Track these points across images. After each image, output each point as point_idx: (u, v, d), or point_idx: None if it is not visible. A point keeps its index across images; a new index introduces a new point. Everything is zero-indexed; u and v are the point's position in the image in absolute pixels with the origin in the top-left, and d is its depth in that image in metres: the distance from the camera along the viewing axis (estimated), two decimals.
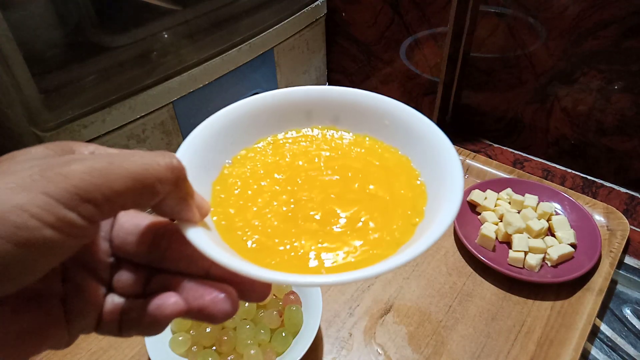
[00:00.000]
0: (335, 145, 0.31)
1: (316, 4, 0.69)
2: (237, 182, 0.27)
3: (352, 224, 0.26)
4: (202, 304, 0.19)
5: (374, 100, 0.31)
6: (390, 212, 0.27)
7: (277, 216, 0.26)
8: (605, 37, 0.57)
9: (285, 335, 0.44)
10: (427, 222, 0.26)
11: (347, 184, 0.29)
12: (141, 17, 0.52)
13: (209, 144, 0.27)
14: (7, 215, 0.15)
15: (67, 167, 0.16)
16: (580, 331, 0.46)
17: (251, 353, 0.42)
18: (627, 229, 0.55)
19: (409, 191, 0.28)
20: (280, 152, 0.30)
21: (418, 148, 0.30)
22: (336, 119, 0.32)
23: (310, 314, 0.45)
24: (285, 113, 0.31)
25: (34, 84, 0.43)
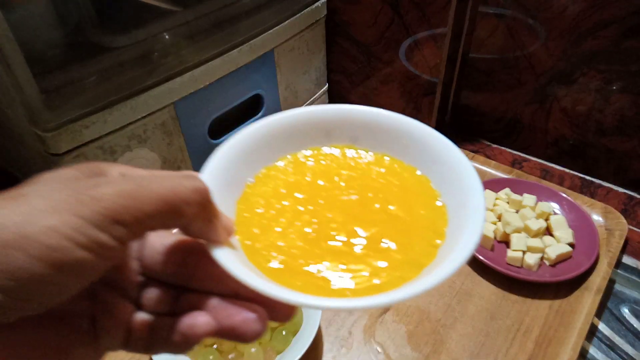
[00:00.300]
0: (355, 165, 0.31)
1: (316, 5, 0.70)
2: (259, 201, 0.28)
3: (374, 245, 0.27)
4: (233, 324, 0.20)
5: (393, 119, 0.32)
6: (411, 233, 0.28)
7: (301, 237, 0.26)
8: (604, 37, 0.57)
9: (285, 334, 0.44)
10: (449, 245, 0.26)
11: (367, 204, 0.29)
12: (142, 17, 0.53)
13: (233, 163, 0.27)
14: (40, 236, 0.15)
15: (98, 189, 0.17)
16: (578, 330, 0.46)
17: (252, 351, 0.42)
18: (625, 229, 0.56)
19: (429, 212, 0.29)
20: (301, 171, 0.30)
21: (437, 168, 0.30)
22: (355, 138, 0.32)
23: (310, 313, 0.45)
24: (305, 132, 0.31)
25: (35, 84, 0.43)
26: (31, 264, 0.15)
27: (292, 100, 0.74)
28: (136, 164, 0.54)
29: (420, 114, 0.76)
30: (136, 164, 0.54)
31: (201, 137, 0.60)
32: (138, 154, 0.53)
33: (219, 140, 0.63)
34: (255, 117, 0.68)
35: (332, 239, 0.26)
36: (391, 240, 0.27)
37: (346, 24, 0.75)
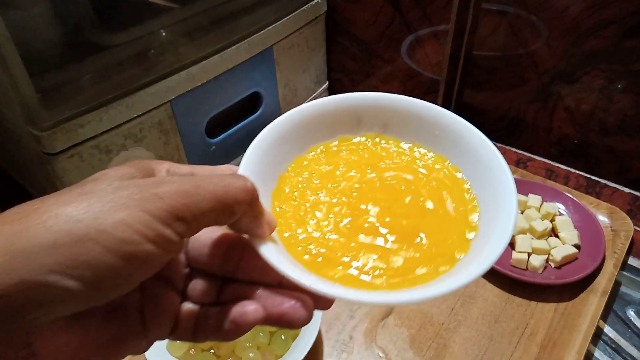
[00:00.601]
0: (386, 155, 0.31)
1: (316, 2, 0.69)
2: (294, 193, 0.28)
3: (408, 238, 0.27)
4: (282, 311, 0.21)
5: (425, 108, 0.31)
6: (445, 226, 0.28)
7: (336, 229, 0.27)
8: (606, 36, 0.57)
9: (284, 338, 0.43)
10: (482, 238, 0.26)
11: (399, 196, 0.29)
12: (139, 15, 0.52)
13: (267, 155, 0.27)
14: (114, 230, 0.16)
15: (160, 188, 0.18)
16: (583, 333, 0.46)
17: (250, 356, 0.41)
18: (630, 230, 0.55)
19: (461, 204, 0.29)
20: (334, 161, 0.30)
21: (468, 159, 0.30)
22: (385, 126, 0.32)
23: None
24: (336, 120, 0.31)
25: (32, 83, 0.43)
26: (106, 255, 0.16)
27: (291, 99, 0.73)
28: None
29: None
30: None
31: (198, 135, 0.59)
32: (134, 153, 0.53)
33: (217, 139, 0.62)
34: (253, 115, 0.67)
35: (367, 231, 0.27)
36: (425, 233, 0.27)
37: (347, 22, 0.74)
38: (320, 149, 0.31)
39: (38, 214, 0.17)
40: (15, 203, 0.19)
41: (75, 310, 0.17)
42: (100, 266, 0.16)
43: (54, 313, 0.17)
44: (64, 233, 0.16)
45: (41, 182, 0.54)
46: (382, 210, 0.28)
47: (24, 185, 0.63)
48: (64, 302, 0.17)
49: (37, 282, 0.16)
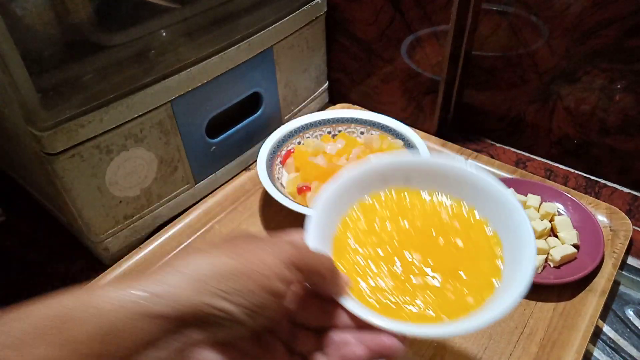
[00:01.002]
0: (411, 205, 0.37)
1: (316, 2, 0.69)
2: (347, 250, 0.34)
3: (452, 275, 0.32)
4: (383, 345, 0.26)
5: (438, 161, 0.38)
6: (477, 259, 0.33)
7: (392, 277, 0.32)
8: (607, 35, 0.57)
9: None
10: (509, 263, 0.32)
11: (433, 240, 0.34)
12: (139, 15, 0.52)
13: (321, 223, 0.33)
14: (260, 269, 0.22)
15: (284, 245, 0.25)
16: (582, 333, 0.46)
17: None
18: (630, 230, 0.55)
19: (484, 238, 0.34)
20: (371, 217, 0.36)
21: (481, 199, 0.35)
22: (407, 180, 0.38)
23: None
24: (367, 181, 0.37)
25: (31, 83, 0.43)
26: (257, 288, 0.22)
27: (292, 99, 0.73)
28: (133, 164, 0.53)
29: (422, 113, 0.75)
30: (133, 164, 0.53)
31: (199, 136, 0.60)
32: (134, 154, 0.53)
33: (217, 139, 0.62)
34: (253, 115, 0.67)
35: (417, 274, 0.32)
36: (463, 269, 0.32)
37: (347, 22, 0.74)
38: (358, 208, 0.37)
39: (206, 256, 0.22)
40: (15, 203, 0.20)
41: (230, 335, 0.22)
42: (253, 297, 0.22)
43: (213, 335, 0.21)
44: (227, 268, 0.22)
45: (41, 182, 0.54)
46: (423, 254, 0.33)
47: (23, 185, 0.63)
48: (225, 326, 0.21)
49: (208, 304, 0.20)
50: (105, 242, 0.55)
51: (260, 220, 0.61)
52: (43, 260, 0.59)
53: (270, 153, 0.62)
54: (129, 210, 0.55)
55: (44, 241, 0.61)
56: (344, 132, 0.68)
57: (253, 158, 0.68)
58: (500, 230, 0.34)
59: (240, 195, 0.64)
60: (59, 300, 0.20)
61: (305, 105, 0.77)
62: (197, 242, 0.58)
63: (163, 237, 0.57)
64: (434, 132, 0.74)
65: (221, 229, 0.60)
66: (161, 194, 0.58)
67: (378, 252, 0.33)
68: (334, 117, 0.68)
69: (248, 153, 0.68)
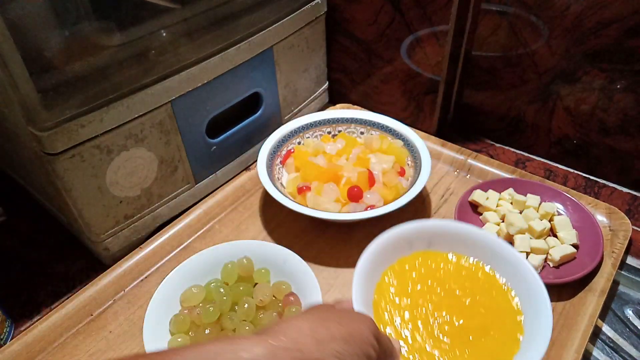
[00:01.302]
0: (436, 267, 0.42)
1: (316, 2, 0.69)
2: (384, 315, 0.39)
3: (482, 332, 0.37)
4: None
5: (457, 225, 0.44)
6: (501, 315, 0.38)
7: (431, 337, 0.37)
8: (607, 36, 0.57)
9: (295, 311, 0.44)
10: (529, 318, 0.37)
11: (460, 300, 0.39)
12: (139, 15, 0.52)
13: (362, 292, 0.39)
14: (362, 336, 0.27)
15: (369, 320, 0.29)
16: (582, 332, 0.46)
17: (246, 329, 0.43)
18: (629, 230, 0.55)
19: (504, 296, 0.39)
20: (402, 281, 0.41)
21: (497, 260, 0.41)
22: (429, 244, 0.43)
23: (309, 285, 0.45)
24: (395, 247, 0.43)
25: (32, 83, 0.43)
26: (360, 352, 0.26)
27: (292, 99, 0.73)
28: (133, 164, 0.53)
29: (422, 113, 0.75)
30: (133, 164, 0.53)
31: (199, 136, 0.60)
32: (135, 154, 0.53)
33: (217, 139, 0.62)
34: (254, 115, 0.67)
35: (452, 334, 0.37)
36: (491, 325, 0.37)
37: (347, 22, 0.74)
38: (390, 273, 0.42)
39: None
40: (15, 203, 0.20)
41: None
42: None
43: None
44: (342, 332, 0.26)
45: (41, 183, 0.54)
46: (454, 314, 0.38)
47: (24, 185, 0.63)
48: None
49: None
50: (105, 242, 0.55)
51: (261, 220, 0.61)
52: (43, 260, 0.59)
53: (270, 153, 0.62)
54: (129, 210, 0.55)
55: (44, 241, 0.62)
56: (344, 132, 0.68)
57: (253, 158, 0.68)
58: (516, 287, 0.40)
59: (241, 195, 0.64)
60: None
61: (305, 105, 0.77)
62: (197, 242, 0.58)
63: (163, 237, 0.57)
64: (433, 132, 0.74)
65: (221, 228, 0.60)
66: (161, 194, 0.58)
67: (413, 314, 0.38)
68: (334, 117, 0.68)
69: (248, 153, 0.68)
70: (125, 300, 0.51)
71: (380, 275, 0.41)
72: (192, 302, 0.47)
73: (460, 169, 0.66)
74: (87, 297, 0.50)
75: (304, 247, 0.55)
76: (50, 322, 0.48)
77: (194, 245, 0.58)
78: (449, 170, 0.66)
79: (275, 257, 0.50)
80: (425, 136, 0.70)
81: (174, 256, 0.56)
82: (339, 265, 0.54)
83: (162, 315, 0.46)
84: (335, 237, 0.57)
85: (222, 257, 0.50)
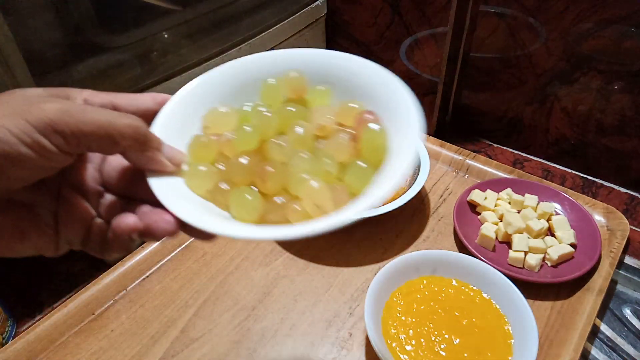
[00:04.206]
0: (438, 290, 0.47)
1: (316, 4, 0.69)
2: (392, 331, 0.44)
3: (474, 351, 0.42)
4: (149, 222, 0.23)
5: (459, 257, 0.49)
6: (493, 339, 0.43)
7: (431, 352, 0.42)
8: (605, 37, 0.57)
9: (363, 167, 0.26)
10: (518, 341, 0.43)
11: (458, 321, 0.45)
12: (141, 17, 0.52)
13: (374, 301, 0.46)
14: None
15: (48, 104, 0.21)
16: (580, 331, 0.46)
17: (313, 186, 0.25)
18: (627, 229, 0.55)
19: (498, 319, 0.45)
20: (409, 301, 0.46)
21: (494, 288, 0.47)
22: (434, 270, 0.49)
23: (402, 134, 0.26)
24: (405, 271, 0.48)
25: (34, 84, 0.43)
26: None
27: None
28: None
29: None
30: None
31: None
32: None
33: None
34: None
35: (450, 351, 0.42)
36: (484, 346, 0.42)
37: (346, 24, 0.75)
38: (398, 294, 0.47)
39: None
40: None
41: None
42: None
43: None
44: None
45: None
46: (452, 334, 0.43)
47: None
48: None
49: None
50: None
51: None
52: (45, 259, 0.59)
53: None
54: None
55: None
56: None
57: None
58: (509, 313, 0.45)
59: None
60: None
61: None
62: (198, 241, 0.58)
63: None
64: (432, 133, 0.74)
65: None
66: None
67: (417, 331, 0.43)
68: None
69: None
70: (126, 299, 0.52)
71: (389, 295, 0.46)
72: (220, 125, 0.29)
73: (459, 169, 0.67)
74: (88, 296, 0.51)
75: (304, 246, 0.56)
76: (52, 321, 0.48)
77: (195, 244, 0.58)
78: (447, 171, 0.67)
79: (338, 71, 0.31)
80: (424, 137, 0.70)
81: (175, 256, 0.57)
82: (339, 265, 0.54)
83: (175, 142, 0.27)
84: (335, 236, 0.58)
85: (258, 72, 0.32)
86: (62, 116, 0.21)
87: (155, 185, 0.24)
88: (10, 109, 0.20)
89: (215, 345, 0.46)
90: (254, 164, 0.27)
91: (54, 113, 0.21)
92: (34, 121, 0.20)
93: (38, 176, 0.22)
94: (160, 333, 0.48)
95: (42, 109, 0.20)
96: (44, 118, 0.20)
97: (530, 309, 0.43)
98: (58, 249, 0.25)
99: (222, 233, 0.22)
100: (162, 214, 0.23)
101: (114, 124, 0.22)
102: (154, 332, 0.48)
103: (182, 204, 0.24)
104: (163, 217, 0.23)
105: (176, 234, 0.24)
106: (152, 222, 0.23)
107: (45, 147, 0.20)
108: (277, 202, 0.26)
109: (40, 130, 0.20)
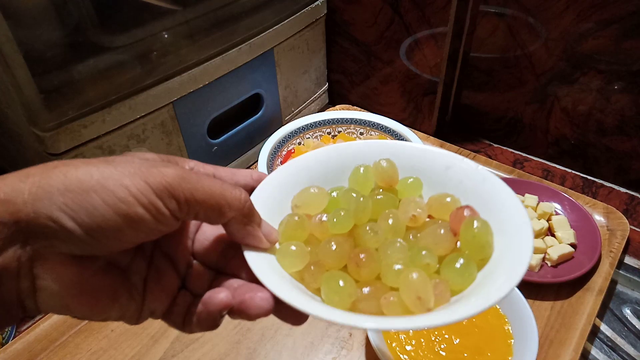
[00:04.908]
0: None
1: (316, 4, 0.69)
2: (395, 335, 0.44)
3: (474, 351, 0.42)
4: (243, 298, 0.23)
5: None
6: (493, 339, 0.43)
7: (431, 352, 0.42)
8: (605, 37, 0.57)
9: (464, 264, 0.25)
10: (518, 341, 0.42)
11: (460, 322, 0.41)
12: (141, 17, 0.52)
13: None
14: (114, 189, 0.20)
15: (167, 169, 0.21)
16: (580, 331, 0.46)
17: (413, 278, 0.24)
18: (627, 229, 0.55)
19: (498, 325, 0.44)
20: None
21: None
22: None
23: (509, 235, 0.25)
24: None
25: (34, 84, 0.43)
26: (103, 207, 0.19)
27: (292, 100, 0.74)
28: None
29: (420, 114, 0.76)
30: None
31: (200, 136, 0.60)
32: None
33: (218, 139, 0.63)
34: (254, 116, 0.67)
35: (450, 351, 0.42)
36: (484, 345, 0.42)
37: (346, 24, 0.75)
38: None
39: (65, 166, 0.20)
40: None
41: (75, 251, 0.20)
42: (97, 215, 0.19)
43: (56, 248, 0.20)
44: (76, 182, 0.19)
45: None
46: (452, 333, 0.43)
47: None
48: (64, 241, 0.19)
49: (45, 215, 0.19)
50: None
51: None
52: None
53: (271, 153, 0.63)
54: None
55: None
56: (343, 132, 0.68)
57: (254, 158, 0.69)
58: (509, 314, 0.44)
59: None
60: None
61: (305, 106, 0.77)
62: None
63: None
64: (432, 133, 0.74)
65: None
66: None
67: (417, 331, 0.42)
68: (333, 117, 0.68)
69: (249, 153, 0.69)
70: None
71: None
72: (310, 206, 0.29)
73: None
74: None
75: None
76: (52, 321, 0.48)
77: None
78: None
79: (432, 164, 0.31)
80: (424, 137, 0.70)
81: None
82: None
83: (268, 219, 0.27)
84: None
85: (349, 159, 0.32)
86: (180, 181, 0.21)
87: (252, 260, 0.23)
88: (132, 169, 0.20)
89: (215, 345, 0.46)
90: (348, 249, 0.27)
91: (173, 177, 0.21)
92: (154, 183, 0.20)
93: (143, 239, 0.22)
94: (160, 333, 0.48)
95: (162, 173, 0.21)
96: (162, 181, 0.20)
97: (530, 309, 0.43)
98: (140, 318, 0.23)
99: (323, 317, 0.21)
100: (256, 290, 0.22)
101: (225, 194, 0.22)
102: (154, 332, 0.48)
103: (278, 282, 0.23)
104: (258, 294, 0.22)
105: (269, 313, 0.23)
106: (247, 298, 0.22)
107: (159, 210, 0.20)
108: (369, 291, 0.25)
109: (157, 193, 0.20)
